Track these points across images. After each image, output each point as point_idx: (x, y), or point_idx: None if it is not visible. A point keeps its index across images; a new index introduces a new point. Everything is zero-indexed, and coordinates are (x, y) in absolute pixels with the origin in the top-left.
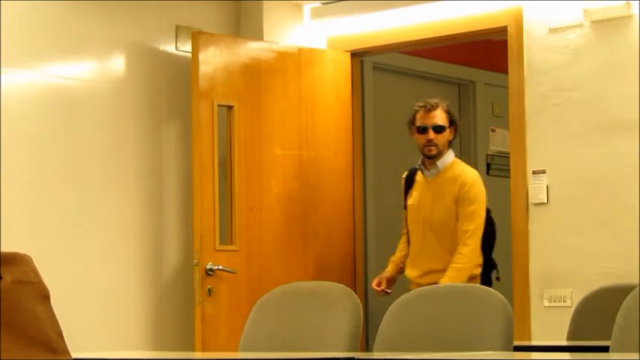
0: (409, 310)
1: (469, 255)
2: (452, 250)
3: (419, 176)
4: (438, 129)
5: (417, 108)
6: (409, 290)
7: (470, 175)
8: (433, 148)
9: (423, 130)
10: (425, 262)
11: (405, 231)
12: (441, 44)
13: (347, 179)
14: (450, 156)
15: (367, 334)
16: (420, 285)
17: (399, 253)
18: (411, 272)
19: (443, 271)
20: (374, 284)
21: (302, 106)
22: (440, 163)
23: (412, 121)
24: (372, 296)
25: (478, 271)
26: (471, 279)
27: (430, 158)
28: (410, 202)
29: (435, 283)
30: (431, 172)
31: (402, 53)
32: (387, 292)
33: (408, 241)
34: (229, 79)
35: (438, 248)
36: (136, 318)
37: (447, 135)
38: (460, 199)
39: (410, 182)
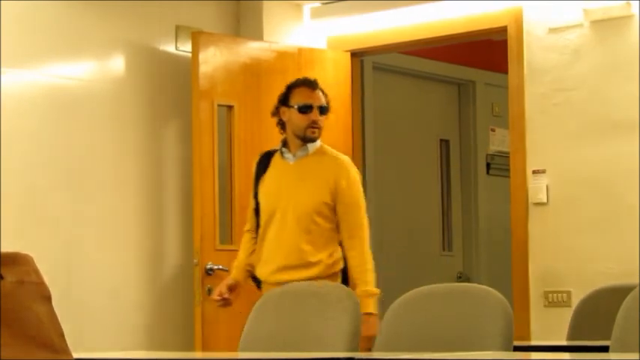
0: (409, 310)
1: (368, 249)
2: (317, 244)
3: (276, 160)
4: (324, 110)
5: (294, 84)
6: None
7: (346, 160)
8: (317, 130)
9: (307, 109)
10: (280, 257)
11: (249, 227)
12: (441, 44)
13: None
14: (318, 140)
15: None
16: (269, 284)
17: (242, 255)
18: (261, 270)
19: (300, 267)
20: (214, 294)
21: None
22: (310, 145)
23: (286, 98)
24: None
25: (341, 265)
26: (333, 275)
27: (311, 141)
28: (264, 189)
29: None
30: (296, 155)
31: (402, 53)
32: (228, 301)
33: (257, 239)
34: (229, 79)
35: (300, 241)
36: (136, 318)
37: (326, 118)
38: (340, 187)
39: (263, 168)
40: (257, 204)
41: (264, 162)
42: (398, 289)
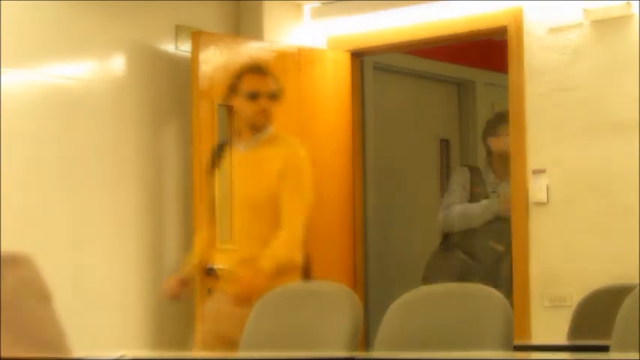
0: (409, 310)
1: (297, 234)
2: (274, 232)
3: (229, 151)
4: (273, 96)
5: (242, 71)
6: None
7: (295, 145)
8: (266, 118)
9: (254, 96)
10: (239, 247)
11: (205, 220)
12: (441, 44)
13: (347, 179)
14: (270, 127)
15: (367, 334)
16: (232, 276)
17: (197, 249)
18: (223, 262)
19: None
20: (164, 287)
21: (302, 106)
22: (261, 133)
23: (235, 86)
24: (372, 296)
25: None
26: (295, 266)
27: (261, 129)
28: (219, 180)
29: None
30: (248, 143)
31: (402, 53)
32: (177, 296)
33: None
34: (229, 79)
35: (259, 230)
36: (136, 318)
37: (277, 104)
38: (283, 172)
39: (217, 159)
40: (212, 195)
41: (218, 153)
42: (398, 289)
